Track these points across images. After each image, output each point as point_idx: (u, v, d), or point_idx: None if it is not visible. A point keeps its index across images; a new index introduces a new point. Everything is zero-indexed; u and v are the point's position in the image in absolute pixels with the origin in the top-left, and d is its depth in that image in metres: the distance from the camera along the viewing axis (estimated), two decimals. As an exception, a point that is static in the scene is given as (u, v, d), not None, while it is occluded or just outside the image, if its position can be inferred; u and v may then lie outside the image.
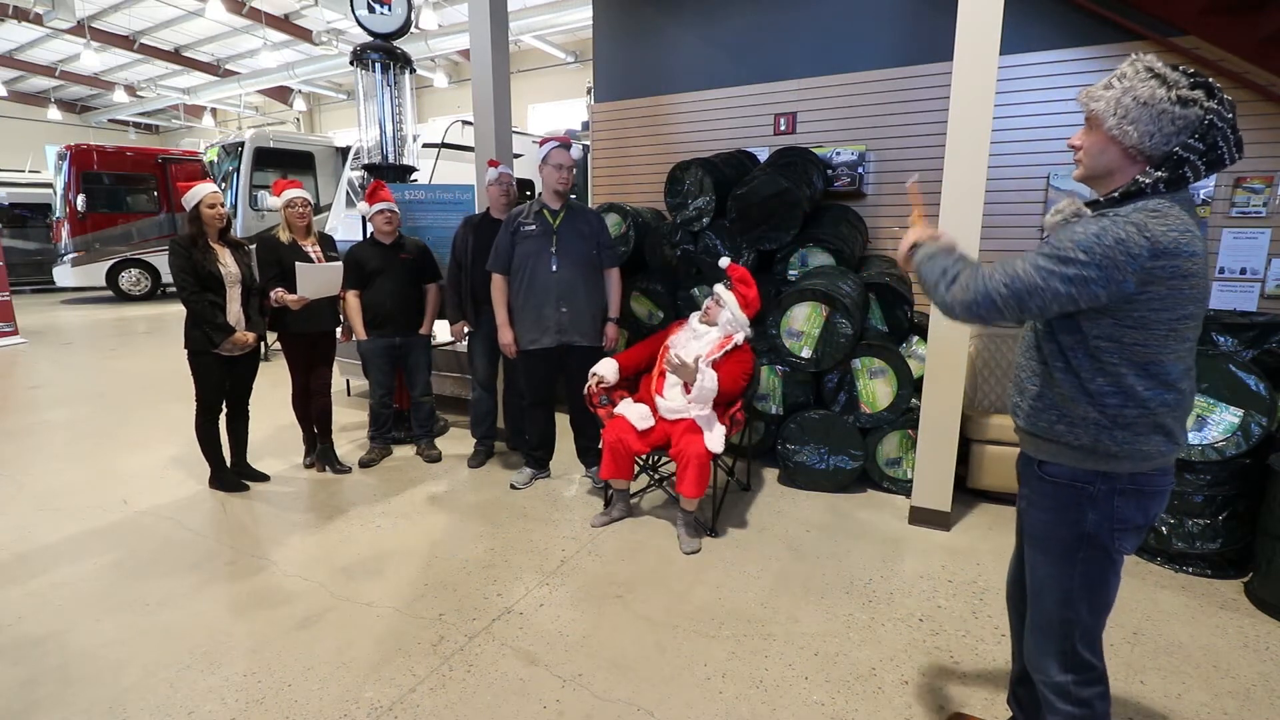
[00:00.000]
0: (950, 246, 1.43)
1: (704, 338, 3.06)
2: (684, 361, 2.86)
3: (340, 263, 3.55)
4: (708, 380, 2.83)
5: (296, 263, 3.31)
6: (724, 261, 3.19)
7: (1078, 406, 1.30)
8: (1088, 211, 1.33)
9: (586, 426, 3.52)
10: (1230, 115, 1.18)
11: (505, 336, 3.39)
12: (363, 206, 3.82)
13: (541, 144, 3.29)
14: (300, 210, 3.47)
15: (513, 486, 3.54)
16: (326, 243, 3.63)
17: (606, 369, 3.16)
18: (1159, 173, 1.21)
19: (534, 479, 3.63)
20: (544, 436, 3.59)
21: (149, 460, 3.94)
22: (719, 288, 3.12)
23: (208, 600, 2.49)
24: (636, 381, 3.31)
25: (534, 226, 3.27)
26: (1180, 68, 1.20)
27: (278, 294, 3.33)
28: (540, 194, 3.37)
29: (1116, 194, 1.26)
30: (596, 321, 3.41)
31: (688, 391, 2.88)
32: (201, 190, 3.13)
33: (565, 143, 3.26)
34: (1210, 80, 1.18)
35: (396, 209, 3.75)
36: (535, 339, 3.31)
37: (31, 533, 3.02)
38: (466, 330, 3.85)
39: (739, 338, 3.05)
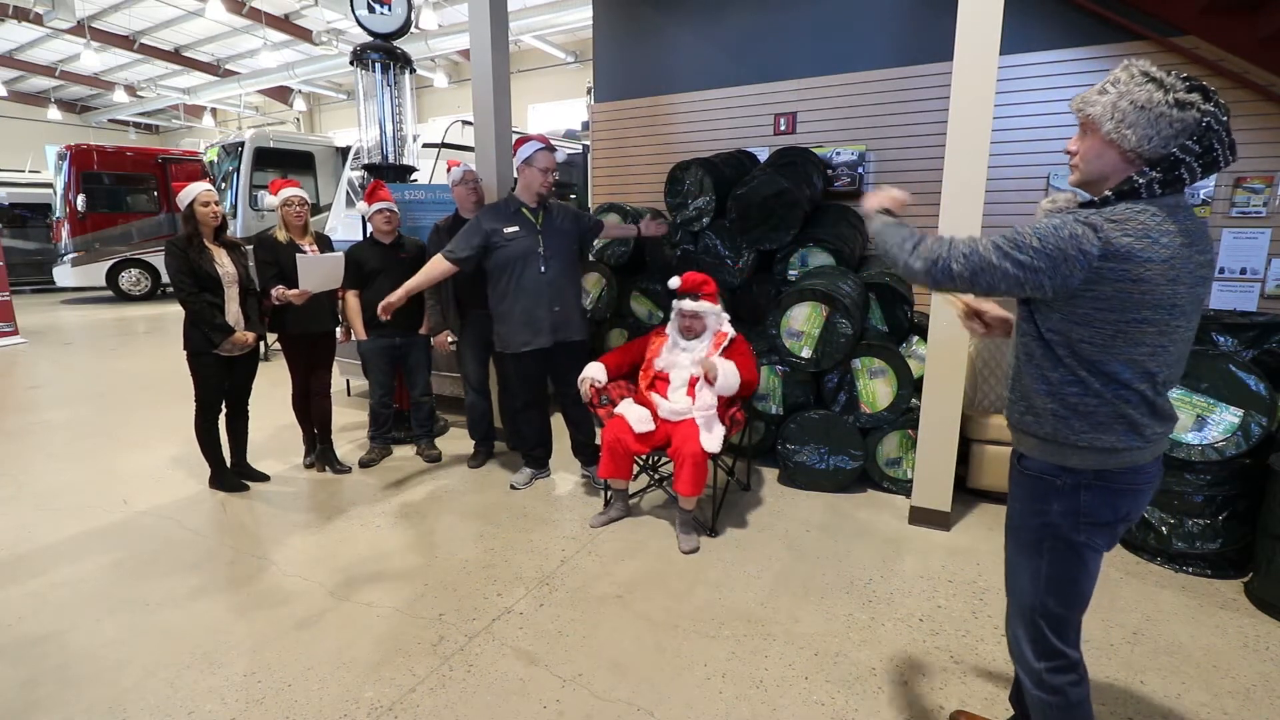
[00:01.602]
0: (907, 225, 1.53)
1: (697, 348, 3.05)
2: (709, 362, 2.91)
3: (341, 254, 3.54)
4: (728, 368, 2.87)
5: (298, 255, 3.31)
6: (674, 281, 3.09)
7: (1038, 397, 1.35)
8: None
9: (581, 422, 3.52)
10: (1225, 118, 1.18)
11: (390, 305, 3.18)
12: (362, 206, 3.82)
13: (520, 144, 3.24)
14: (297, 209, 3.46)
15: (512, 487, 3.53)
16: (324, 243, 3.63)
17: (596, 372, 3.17)
18: (1154, 173, 1.21)
19: (534, 479, 3.63)
20: (541, 436, 3.59)
21: (149, 460, 3.94)
22: (686, 303, 3.05)
23: (208, 600, 2.49)
24: (635, 376, 3.30)
25: (517, 228, 3.24)
26: (1174, 72, 1.21)
27: (279, 291, 3.32)
28: (514, 192, 3.35)
29: (1110, 194, 1.26)
30: (582, 316, 3.48)
31: (710, 384, 2.91)
32: (195, 189, 3.13)
33: (550, 145, 3.24)
34: (1205, 84, 1.19)
35: (396, 209, 3.75)
36: (528, 341, 3.28)
37: (31, 533, 3.02)
38: (451, 340, 3.86)
39: (726, 329, 3.07)
